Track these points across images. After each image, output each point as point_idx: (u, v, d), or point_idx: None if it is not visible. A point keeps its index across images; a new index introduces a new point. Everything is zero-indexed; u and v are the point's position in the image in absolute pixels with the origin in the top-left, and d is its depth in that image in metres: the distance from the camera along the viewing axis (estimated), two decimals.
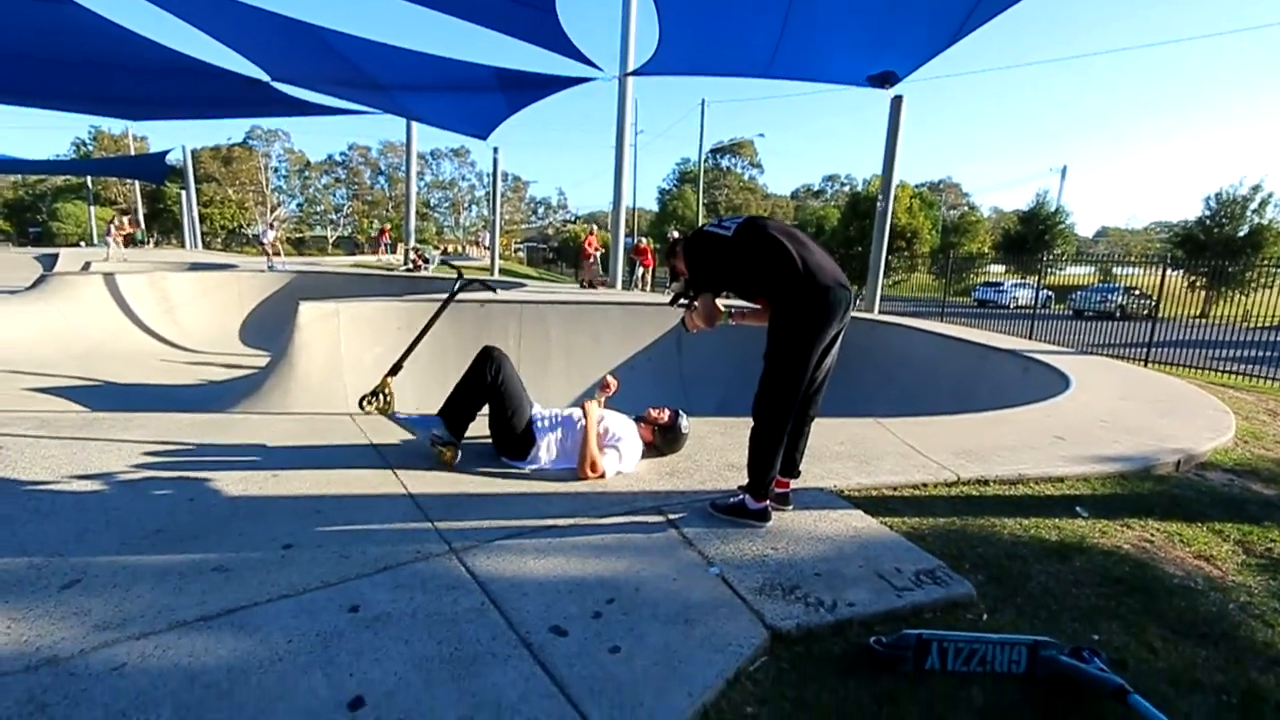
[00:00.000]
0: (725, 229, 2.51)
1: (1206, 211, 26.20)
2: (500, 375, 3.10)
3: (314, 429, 3.61)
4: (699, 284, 2.60)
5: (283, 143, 55.34)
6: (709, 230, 2.57)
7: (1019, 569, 2.37)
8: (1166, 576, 2.42)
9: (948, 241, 33.29)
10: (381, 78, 7.75)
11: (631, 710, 1.50)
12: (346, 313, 7.33)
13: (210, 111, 10.70)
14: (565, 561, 2.19)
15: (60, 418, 3.57)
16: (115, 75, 7.72)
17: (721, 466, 3.19)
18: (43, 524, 2.28)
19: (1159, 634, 2.03)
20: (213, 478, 2.79)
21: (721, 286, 2.59)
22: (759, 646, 1.79)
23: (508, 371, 3.14)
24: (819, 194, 61.55)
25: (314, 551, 2.17)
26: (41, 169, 35.56)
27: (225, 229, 50.13)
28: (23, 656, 1.58)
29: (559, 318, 8.55)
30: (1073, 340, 10.81)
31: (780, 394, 2.40)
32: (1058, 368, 6.13)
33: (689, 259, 2.62)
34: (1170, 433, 4.21)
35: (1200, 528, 2.89)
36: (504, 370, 3.12)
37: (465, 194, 63.32)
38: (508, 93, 8.33)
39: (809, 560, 2.27)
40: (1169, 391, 5.77)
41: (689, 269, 2.63)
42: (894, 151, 9.37)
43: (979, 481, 3.21)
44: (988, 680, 1.74)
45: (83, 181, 40.41)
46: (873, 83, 7.00)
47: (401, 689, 1.53)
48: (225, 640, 1.68)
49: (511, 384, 3.12)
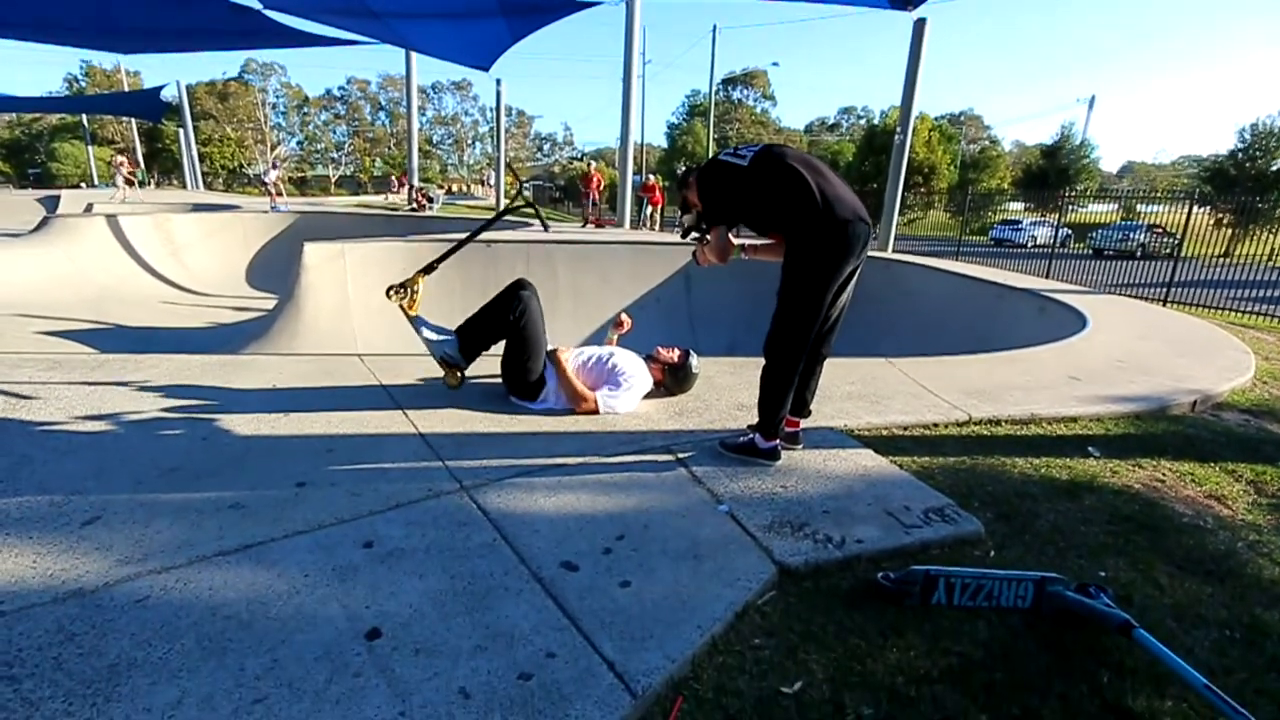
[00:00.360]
0: (741, 158, 2.38)
1: (1239, 144, 25.10)
2: (524, 316, 3.02)
3: (324, 369, 3.62)
4: (711, 216, 2.50)
5: (279, 77, 53.69)
6: (723, 159, 2.44)
7: (1028, 507, 2.38)
8: (1176, 515, 2.42)
9: (966, 177, 32.29)
10: (376, 4, 7.39)
11: (642, 641, 1.53)
12: (353, 253, 7.25)
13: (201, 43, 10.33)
14: (575, 499, 2.21)
15: (71, 359, 3.59)
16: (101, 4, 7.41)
17: (731, 406, 3.18)
18: (61, 462, 2.32)
19: (1166, 571, 2.04)
20: (225, 418, 2.81)
21: (736, 219, 2.49)
22: (767, 581, 1.82)
23: (532, 313, 3.05)
24: (834, 127, 59.40)
25: (327, 489, 2.19)
26: (35, 106, 34.85)
27: (226, 168, 49.37)
28: (50, 589, 1.62)
29: (566, 257, 8.42)
30: (1092, 280, 10.59)
31: (793, 332, 2.35)
32: (1075, 307, 6.01)
33: (702, 190, 2.50)
34: (1187, 373, 4.15)
35: (1213, 468, 2.88)
36: (529, 312, 3.04)
37: (469, 130, 61.71)
38: (510, 18, 7.96)
39: (818, 498, 2.28)
40: (1188, 332, 5.67)
41: (701, 200, 2.52)
42: (914, 81, 8.94)
43: (990, 421, 3.19)
44: (993, 615, 1.76)
45: (79, 120, 39.57)
46: (895, 4, 6.61)
47: (416, 620, 1.56)
48: (244, 574, 1.72)
49: (533, 327, 3.04)
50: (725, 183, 2.42)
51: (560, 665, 1.44)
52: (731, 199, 2.42)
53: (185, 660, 1.40)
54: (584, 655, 1.48)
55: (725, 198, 2.44)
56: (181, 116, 27.53)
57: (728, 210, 2.46)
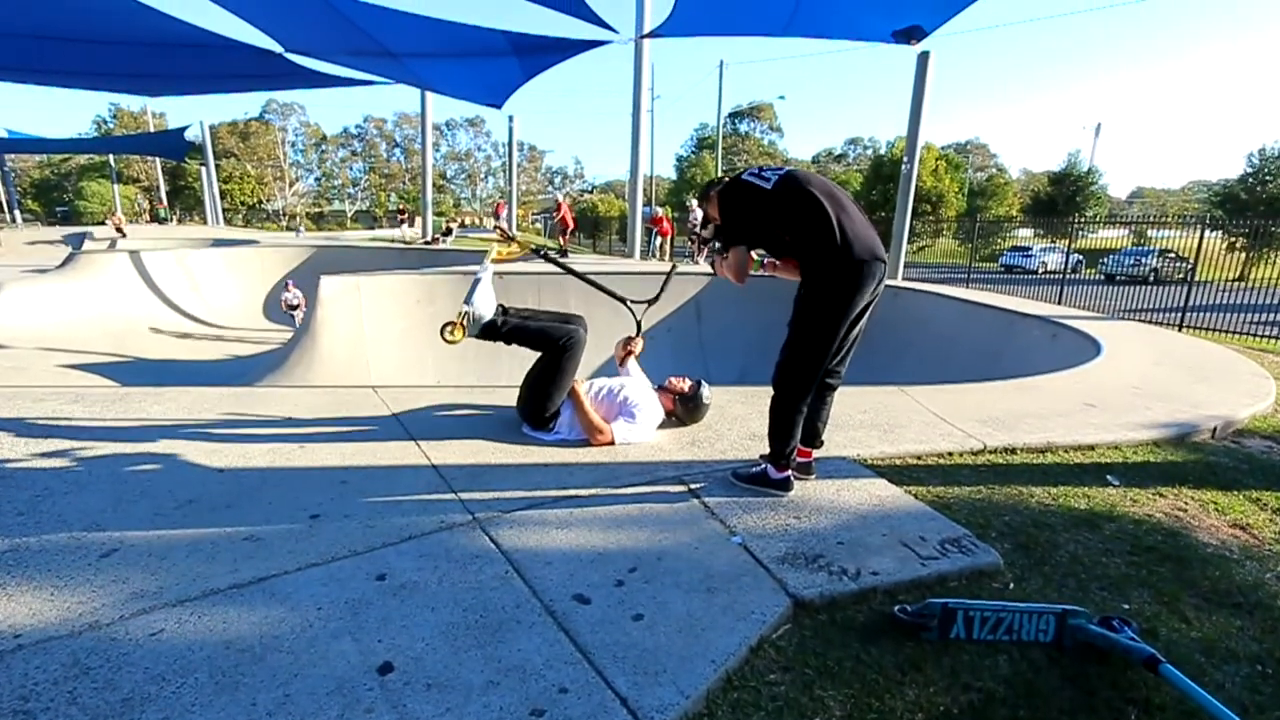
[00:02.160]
0: (765, 180, 2.36)
1: (1249, 169, 25.08)
2: (568, 350, 3.04)
3: (338, 401, 3.66)
4: (730, 236, 2.47)
5: (299, 116, 55.39)
6: (746, 179, 2.41)
7: (1047, 537, 2.33)
8: (1200, 545, 2.36)
9: (974, 205, 32.40)
10: (394, 45, 7.66)
11: (655, 676, 1.51)
12: (368, 286, 7.38)
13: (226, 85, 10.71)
14: (587, 531, 2.20)
15: (93, 392, 3.66)
16: (132, 52, 7.75)
17: (743, 436, 3.18)
18: (80, 495, 2.35)
19: (1192, 603, 1.99)
20: (242, 449, 2.84)
21: (754, 242, 2.46)
22: (782, 615, 1.79)
23: (576, 350, 3.08)
24: (840, 158, 60.03)
25: (341, 521, 2.20)
26: (65, 148, 36.15)
27: (245, 204, 50.63)
28: (66, 622, 1.63)
29: (579, 288, 8.50)
30: (1104, 306, 10.51)
31: (803, 365, 2.35)
32: (1088, 333, 5.97)
33: (723, 208, 2.48)
34: (1206, 399, 4.09)
35: (1236, 496, 2.82)
36: (574, 347, 3.07)
37: (481, 165, 63.03)
38: (522, 58, 8.20)
39: (832, 529, 2.26)
40: (1205, 357, 5.60)
41: (722, 218, 2.50)
42: (920, 112, 9.07)
43: (1006, 450, 3.16)
44: (1014, 649, 1.72)
45: (106, 160, 40.96)
46: (898, 38, 6.75)
47: (429, 655, 1.55)
48: (257, 607, 1.72)
49: (572, 361, 3.07)
50: (746, 204, 2.40)
51: (573, 701, 1.43)
52: (751, 221, 2.41)
53: (198, 695, 1.40)
54: (597, 690, 1.46)
55: (745, 219, 2.42)
56: (204, 155, 28.42)
57: (746, 231, 2.44)
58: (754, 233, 2.44)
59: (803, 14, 6.72)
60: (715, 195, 2.54)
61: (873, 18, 6.86)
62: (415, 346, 7.61)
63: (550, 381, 3.04)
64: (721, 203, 2.49)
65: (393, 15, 6.99)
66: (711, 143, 40.94)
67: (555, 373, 3.04)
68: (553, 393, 3.04)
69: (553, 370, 3.05)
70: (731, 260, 2.49)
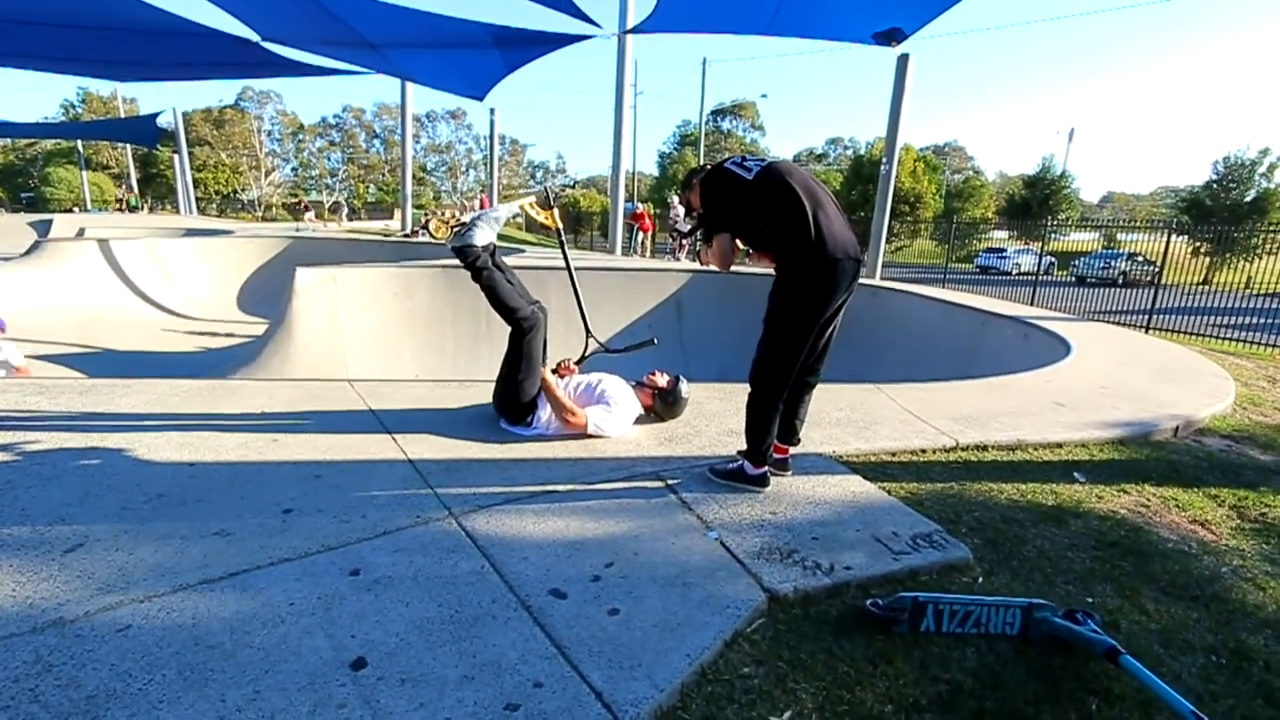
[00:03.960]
0: (746, 170, 2.35)
1: (1214, 176, 25.81)
2: (532, 331, 3.04)
3: (313, 395, 3.60)
4: (711, 224, 2.47)
5: (275, 105, 54.17)
6: (728, 168, 2.40)
7: (1015, 533, 2.39)
8: (1161, 540, 2.44)
9: (951, 206, 32.87)
10: (373, 36, 7.55)
11: (630, 670, 1.52)
12: (345, 278, 7.27)
13: (200, 73, 10.47)
14: (564, 525, 2.20)
15: (59, 384, 3.57)
16: (103, 37, 7.54)
17: (721, 432, 3.20)
18: (45, 489, 2.29)
19: (1152, 596, 2.06)
20: (212, 443, 2.79)
21: (735, 232, 2.45)
22: (756, 609, 1.81)
23: (538, 333, 3.08)
24: (821, 157, 60.46)
25: (314, 516, 2.18)
26: (31, 132, 35.02)
27: (220, 194, 49.50)
28: (29, 618, 1.59)
29: (558, 284, 8.47)
30: (1075, 307, 10.76)
31: (777, 362, 2.37)
32: (1058, 334, 6.10)
33: (704, 196, 2.48)
34: (1170, 399, 4.21)
35: (1196, 493, 2.91)
36: (536, 330, 3.06)
37: (462, 158, 62.24)
38: (504, 51, 8.14)
39: (807, 524, 2.29)
40: (1170, 358, 5.76)
41: (703, 206, 2.50)
42: (899, 113, 9.16)
43: (978, 447, 3.22)
44: (982, 642, 1.77)
45: (74, 146, 39.71)
46: (878, 40, 6.82)
47: (403, 650, 1.55)
48: (228, 603, 1.70)
49: (534, 345, 3.06)
50: (726, 193, 2.39)
51: (548, 695, 1.43)
52: (730, 210, 2.40)
53: (166, 691, 1.38)
54: (571, 684, 1.47)
55: (725, 208, 2.41)
56: (176, 143, 27.67)
57: (726, 221, 2.44)
58: (732, 221, 2.43)
59: (785, 13, 6.75)
60: (697, 183, 2.54)
61: (854, 19, 6.92)
62: (393, 340, 7.52)
63: (518, 369, 3.03)
64: (703, 191, 2.49)
65: (373, 6, 6.89)
66: (694, 139, 40.98)
67: (519, 358, 3.03)
68: (523, 381, 3.04)
69: (517, 357, 3.04)
70: (715, 248, 2.48)
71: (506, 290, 3.08)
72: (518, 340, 3.05)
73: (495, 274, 3.08)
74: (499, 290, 3.06)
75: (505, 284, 3.10)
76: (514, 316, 3.05)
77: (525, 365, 3.03)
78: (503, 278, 3.11)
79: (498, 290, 3.06)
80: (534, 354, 3.06)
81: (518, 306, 3.06)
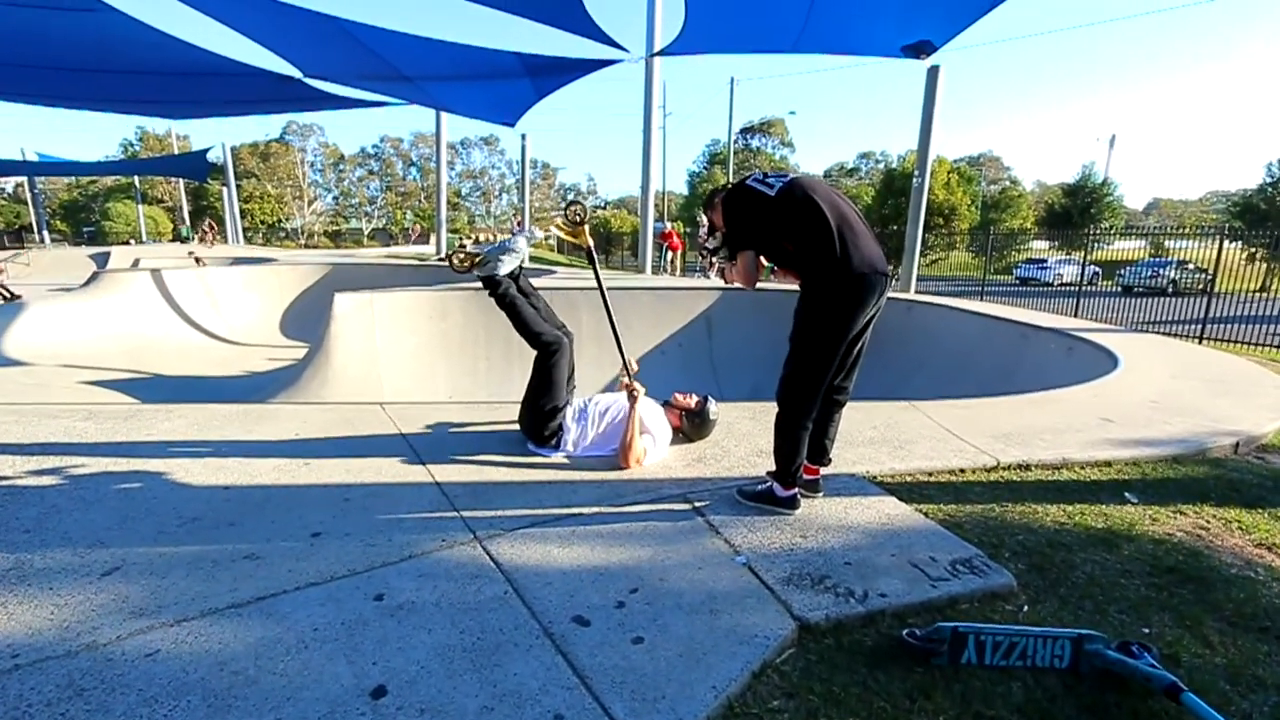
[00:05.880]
0: (769, 186, 2.32)
1: (1268, 178, 24.72)
2: (554, 355, 3.08)
3: (346, 418, 3.67)
4: (735, 242, 2.44)
5: (318, 137, 56.43)
6: (750, 185, 2.38)
7: (1062, 558, 2.27)
8: (1223, 566, 2.28)
9: (988, 218, 32.17)
10: (409, 69, 7.80)
11: (654, 703, 1.47)
12: (381, 302, 7.44)
13: (247, 109, 10.97)
14: (589, 550, 2.17)
15: (106, 409, 3.70)
16: (156, 80, 7.96)
17: (750, 453, 3.13)
18: (87, 512, 2.36)
19: (1215, 627, 1.92)
20: (248, 466, 2.85)
21: (759, 249, 2.42)
22: (786, 638, 1.75)
23: (561, 357, 3.10)
24: (853, 172, 59.98)
25: (342, 540, 2.19)
26: (93, 170, 37.14)
27: (265, 224, 51.57)
28: (64, 641, 1.63)
29: (590, 304, 8.52)
30: (1121, 318, 10.34)
31: (805, 380, 2.31)
32: (1105, 346, 5.86)
33: (727, 214, 2.45)
34: (1227, 413, 3.98)
35: (1261, 514, 2.72)
36: (560, 354, 3.09)
37: (495, 182, 63.71)
38: (534, 78, 8.31)
39: (839, 549, 2.21)
40: (1226, 370, 5.47)
41: (726, 224, 2.47)
42: (930, 125, 9.04)
43: (1020, 466, 3.08)
44: (1028, 675, 1.66)
45: (131, 181, 41.97)
46: (907, 53, 6.74)
47: (423, 678, 1.53)
48: (254, 628, 1.71)
49: (558, 371, 3.09)
50: (749, 210, 2.36)
51: None
52: (753, 228, 2.37)
53: (190, 718, 1.39)
54: (593, 717, 1.42)
55: (747, 225, 2.39)
56: (225, 176, 29.01)
57: (749, 238, 2.40)
58: (755, 239, 2.40)
59: (811, 30, 6.74)
60: (719, 202, 2.52)
61: (881, 33, 6.86)
62: (428, 362, 7.64)
63: (542, 393, 3.06)
64: (726, 209, 2.46)
65: (407, 40, 7.12)
66: (723, 158, 41.13)
67: (543, 382, 3.07)
68: (545, 404, 3.06)
69: (542, 380, 3.07)
70: (740, 266, 2.45)
71: (529, 314, 3.13)
72: (541, 363, 3.09)
73: (518, 299, 3.15)
74: (522, 314, 3.12)
75: (529, 308, 3.16)
76: (538, 340, 3.10)
77: (549, 388, 3.06)
78: (526, 302, 3.17)
79: (521, 314, 3.12)
80: (557, 378, 3.08)
81: (541, 331, 3.11)
